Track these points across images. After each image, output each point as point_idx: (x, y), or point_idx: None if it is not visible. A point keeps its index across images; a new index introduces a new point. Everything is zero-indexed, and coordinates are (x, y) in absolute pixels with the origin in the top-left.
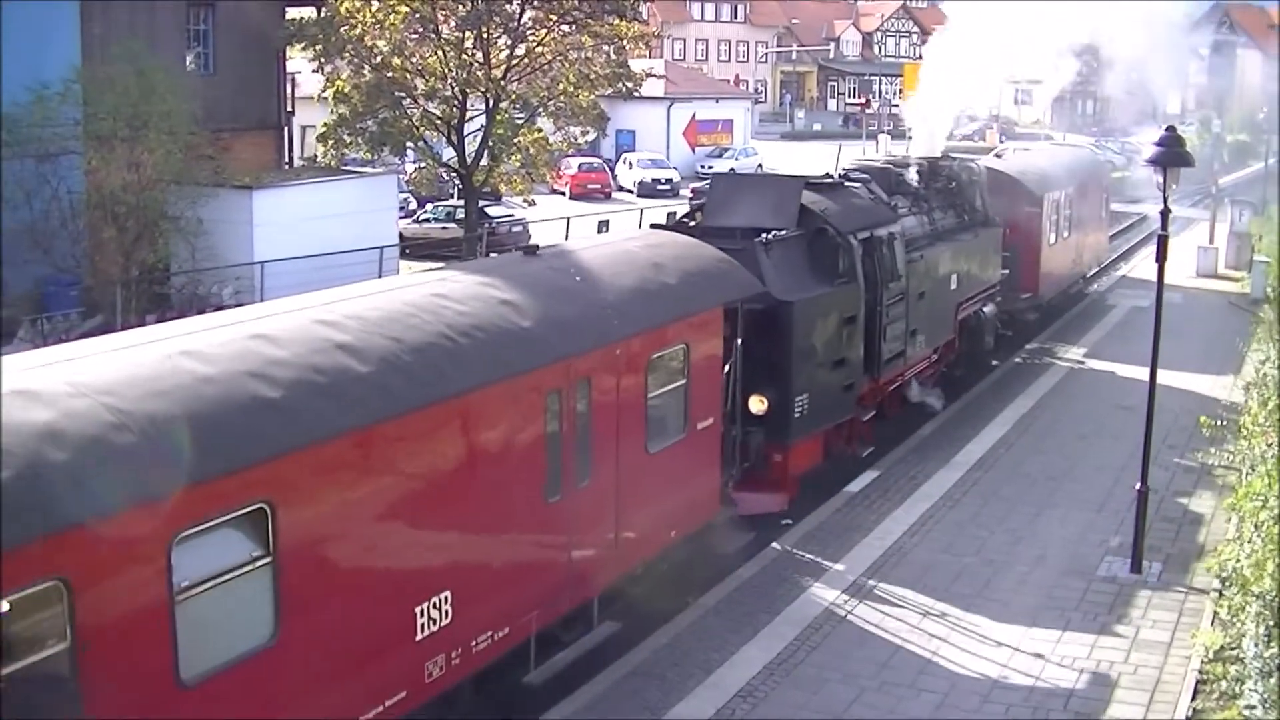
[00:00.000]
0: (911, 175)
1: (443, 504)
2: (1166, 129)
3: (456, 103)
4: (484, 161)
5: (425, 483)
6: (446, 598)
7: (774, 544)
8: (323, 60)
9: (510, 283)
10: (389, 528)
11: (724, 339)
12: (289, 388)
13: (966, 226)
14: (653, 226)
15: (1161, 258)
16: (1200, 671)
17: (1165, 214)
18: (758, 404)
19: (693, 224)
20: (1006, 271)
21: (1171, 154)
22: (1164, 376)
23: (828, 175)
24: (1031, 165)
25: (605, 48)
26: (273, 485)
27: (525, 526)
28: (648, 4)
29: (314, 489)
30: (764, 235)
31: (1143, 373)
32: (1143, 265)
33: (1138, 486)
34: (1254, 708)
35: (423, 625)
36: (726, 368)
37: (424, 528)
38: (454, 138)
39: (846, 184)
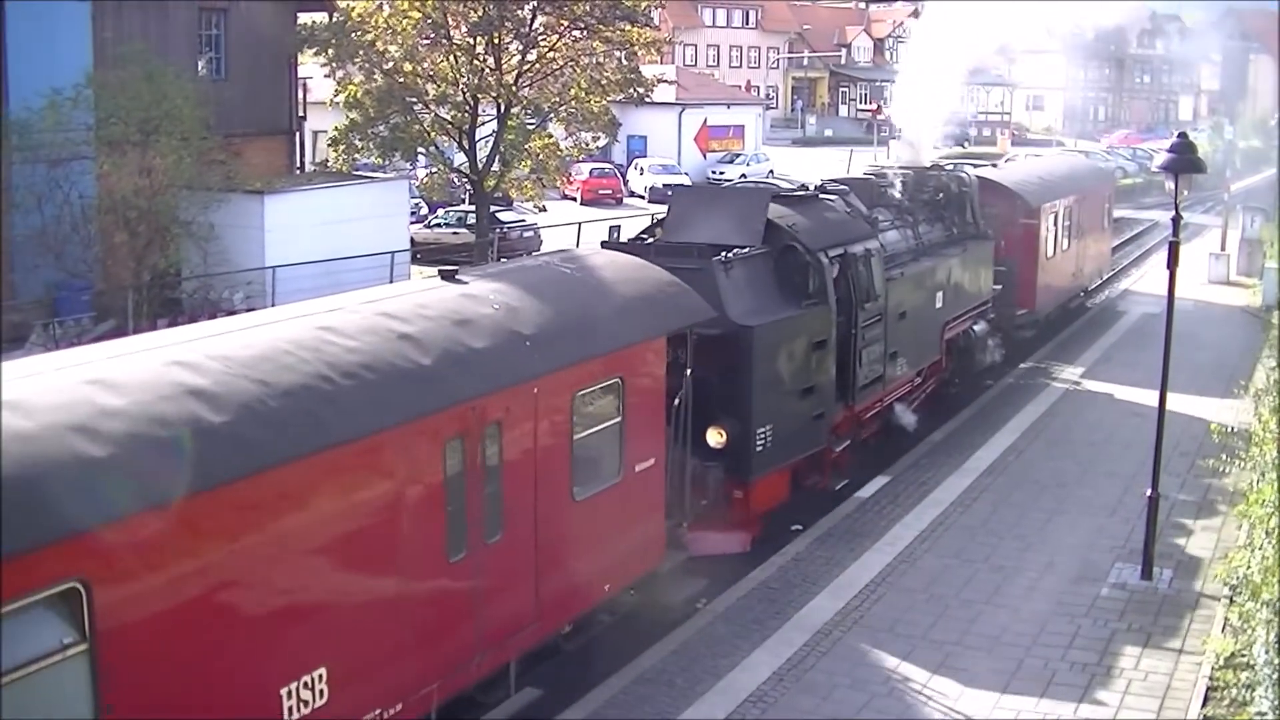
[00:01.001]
0: (895, 187)
1: (314, 569)
2: (1178, 135)
3: (468, 108)
4: (495, 167)
5: (292, 546)
6: (321, 675)
7: (783, 550)
8: (334, 65)
9: (415, 313)
10: (244, 600)
11: (680, 367)
12: (120, 444)
13: (955, 240)
14: (603, 245)
15: (1173, 264)
16: (1211, 678)
17: (1176, 220)
18: (715, 437)
19: (650, 241)
20: (999, 287)
21: (1183, 160)
22: (1174, 381)
23: (803, 187)
24: (1028, 174)
25: (617, 53)
26: (89, 560)
27: (422, 589)
28: (659, 9)
29: (142, 563)
30: (724, 254)
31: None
32: (1149, 277)
33: (1149, 493)
34: (1265, 714)
35: (291, 709)
36: (677, 400)
37: (291, 597)
38: (465, 143)
39: (821, 197)
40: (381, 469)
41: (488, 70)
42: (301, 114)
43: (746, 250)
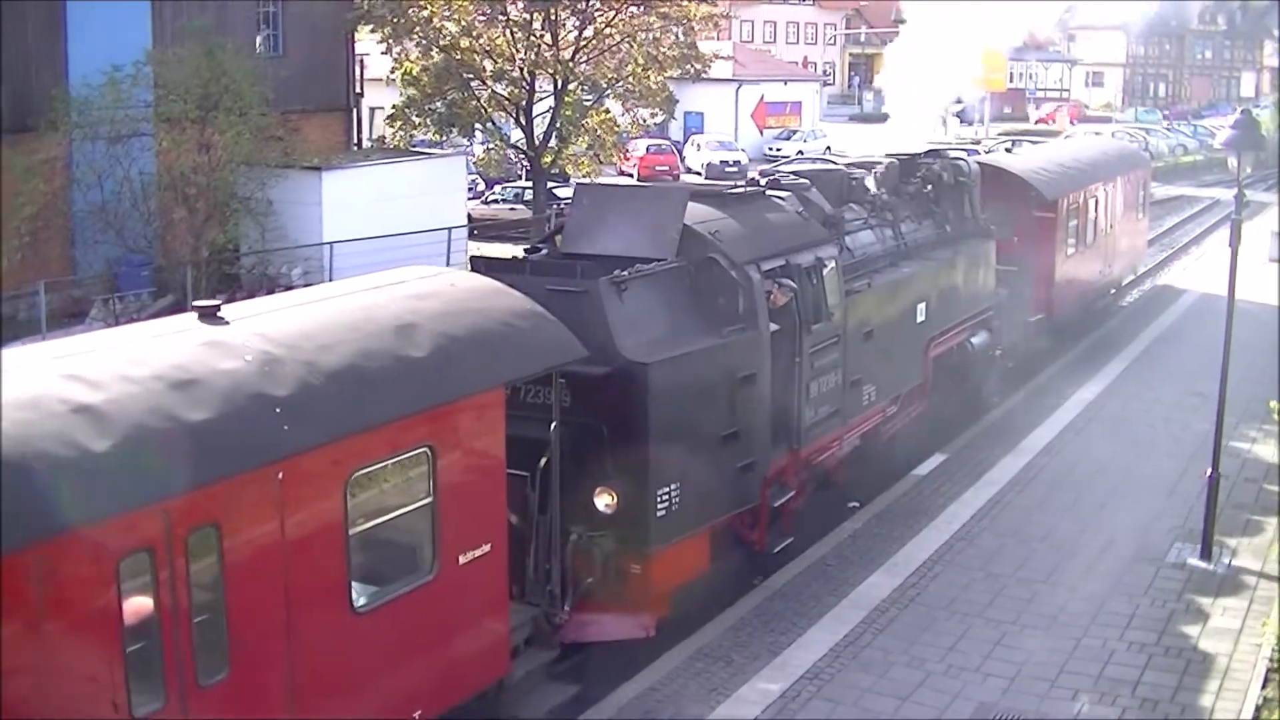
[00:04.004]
0: (870, 179)
1: None
2: (1240, 112)
3: (525, 84)
4: (552, 143)
5: None
6: None
7: (840, 527)
8: (391, 42)
9: (114, 374)
10: None
11: (564, 415)
12: None
13: (948, 239)
14: (472, 260)
15: (1235, 241)
16: (1271, 660)
17: (1239, 197)
18: (605, 500)
19: (542, 253)
20: (1004, 292)
21: (1246, 137)
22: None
23: (753, 182)
24: (1046, 161)
25: (674, 29)
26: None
27: None
28: None
29: None
30: (617, 272)
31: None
32: (1206, 257)
33: (1209, 472)
34: None
35: None
36: (544, 459)
37: None
38: (522, 119)
39: (769, 194)
40: (21, 602)
41: (544, 46)
42: (359, 90)
43: (651, 266)
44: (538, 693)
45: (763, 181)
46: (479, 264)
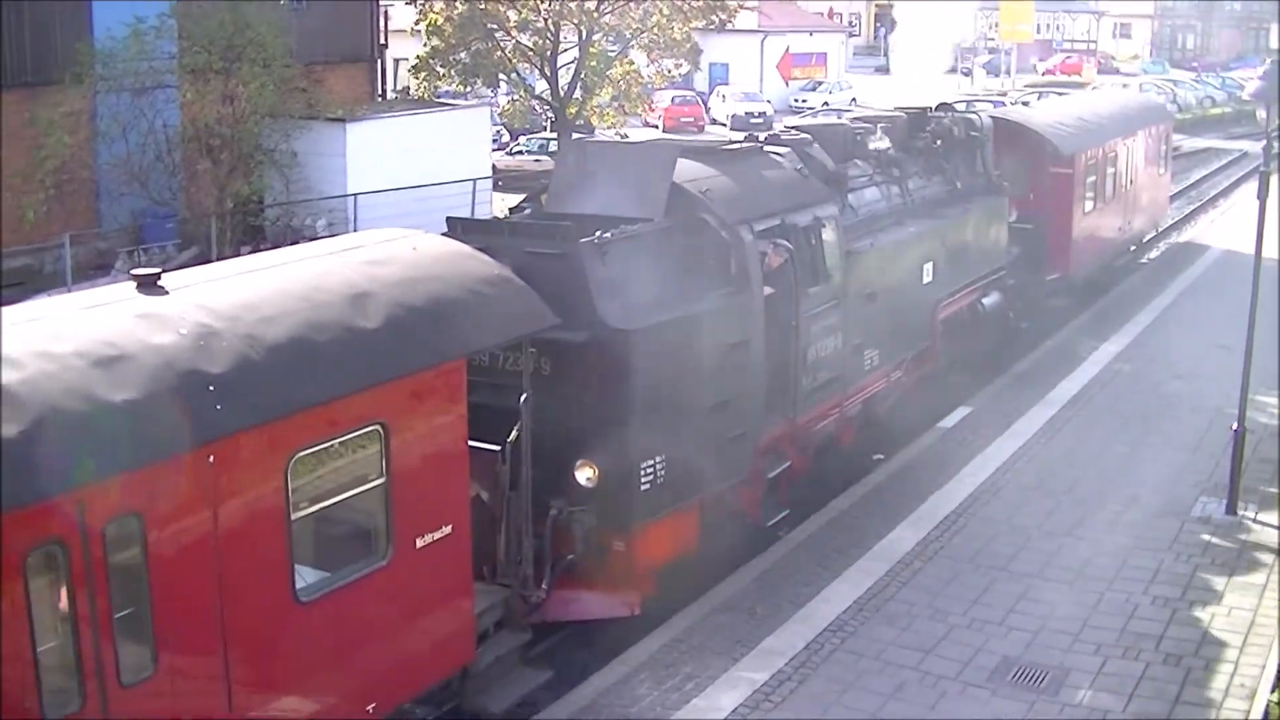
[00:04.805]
0: (876, 134)
1: None
2: (1269, 63)
3: (549, 34)
4: (577, 94)
5: None
6: None
7: (864, 480)
8: None
9: (41, 346)
10: None
11: (542, 384)
12: None
13: (958, 197)
14: (448, 221)
15: (1264, 193)
16: None
17: (1269, 149)
18: (586, 474)
19: (525, 213)
20: (1014, 251)
21: (1274, 88)
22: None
23: (750, 138)
24: (1062, 115)
25: None
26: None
27: None
28: None
29: None
30: (600, 233)
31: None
32: (1233, 211)
33: (1234, 427)
34: None
35: None
36: (515, 431)
37: None
38: (546, 70)
39: (766, 149)
40: None
41: None
42: (383, 41)
43: (637, 226)
44: (510, 679)
45: (761, 137)
46: (455, 225)
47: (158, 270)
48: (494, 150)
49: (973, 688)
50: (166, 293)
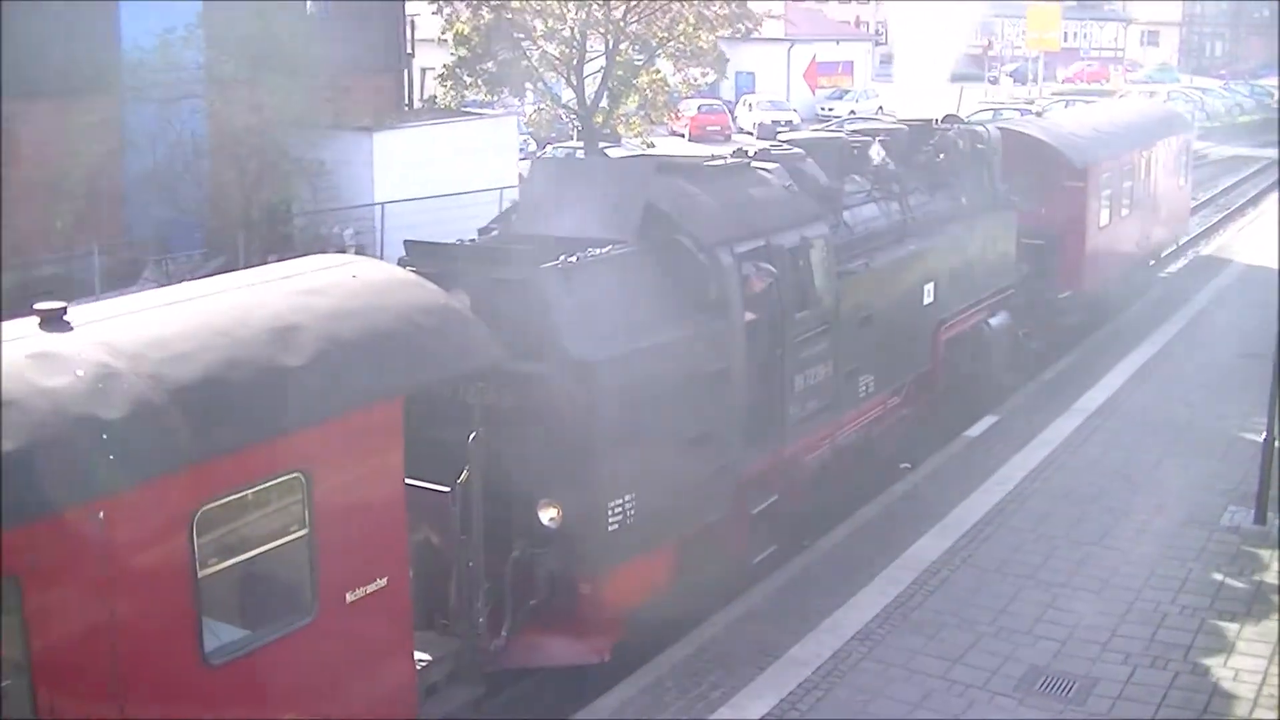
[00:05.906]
0: (875, 147)
1: None
2: None
3: (575, 44)
4: (603, 103)
5: None
6: None
7: (891, 489)
8: (442, 2)
9: None
10: None
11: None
12: None
13: (962, 213)
14: (405, 244)
15: None
16: None
17: None
18: (549, 514)
19: (493, 233)
20: (1025, 268)
21: None
22: None
23: (740, 151)
24: (1077, 127)
25: None
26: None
27: None
28: None
29: None
30: (564, 257)
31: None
32: (1248, 230)
33: (1264, 436)
34: None
35: None
36: (463, 474)
37: None
38: (573, 79)
39: (753, 165)
40: None
41: (595, 5)
42: (409, 50)
43: (606, 250)
44: None
45: (750, 152)
46: (412, 248)
47: (63, 305)
48: (521, 159)
49: (1000, 697)
50: (70, 328)
